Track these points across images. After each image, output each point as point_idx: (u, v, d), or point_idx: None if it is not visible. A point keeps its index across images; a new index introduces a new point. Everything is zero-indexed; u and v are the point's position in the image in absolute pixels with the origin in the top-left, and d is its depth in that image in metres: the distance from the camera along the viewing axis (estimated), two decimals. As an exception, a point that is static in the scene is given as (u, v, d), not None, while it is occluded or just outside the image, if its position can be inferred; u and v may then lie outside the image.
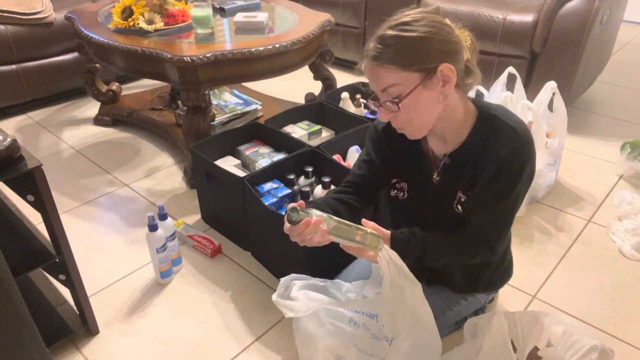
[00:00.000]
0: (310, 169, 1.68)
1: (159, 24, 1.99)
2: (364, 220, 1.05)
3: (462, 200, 1.12)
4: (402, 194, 1.20)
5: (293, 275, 1.22)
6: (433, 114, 1.02)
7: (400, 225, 1.16)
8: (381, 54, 0.96)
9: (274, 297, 1.16)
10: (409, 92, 0.96)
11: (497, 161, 1.03)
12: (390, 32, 0.96)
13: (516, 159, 1.03)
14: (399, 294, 1.04)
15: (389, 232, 1.08)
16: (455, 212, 1.13)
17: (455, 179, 1.11)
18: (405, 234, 1.10)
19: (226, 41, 2.02)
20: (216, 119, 2.24)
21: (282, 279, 1.20)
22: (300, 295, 1.16)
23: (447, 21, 1.01)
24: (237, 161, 1.86)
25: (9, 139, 1.06)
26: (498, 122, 1.05)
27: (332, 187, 1.65)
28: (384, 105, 1.00)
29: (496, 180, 1.05)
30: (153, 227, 1.49)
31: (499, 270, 1.30)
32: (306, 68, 2.21)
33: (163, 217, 1.55)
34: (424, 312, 1.08)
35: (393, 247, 1.05)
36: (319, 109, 2.07)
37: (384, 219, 1.28)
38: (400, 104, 0.98)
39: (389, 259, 1.02)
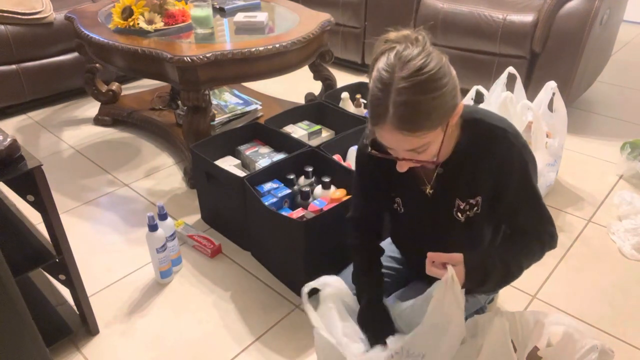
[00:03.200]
0: (310, 169, 1.68)
1: (159, 24, 1.99)
2: (430, 254, 1.01)
3: (462, 207, 1.11)
4: (399, 208, 1.19)
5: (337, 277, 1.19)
6: (436, 147, 0.99)
7: (400, 237, 1.14)
8: (404, 122, 0.88)
9: (305, 300, 1.12)
10: (432, 143, 0.94)
11: (497, 164, 1.03)
12: (409, 97, 0.86)
13: (514, 155, 1.03)
14: (446, 322, 1.02)
15: (460, 254, 1.01)
16: (457, 219, 1.12)
17: (451, 187, 1.11)
18: (478, 253, 1.05)
19: (226, 41, 2.02)
20: (216, 119, 2.24)
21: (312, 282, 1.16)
22: (328, 311, 1.12)
23: (425, 38, 0.93)
24: (237, 161, 1.86)
25: (9, 139, 1.06)
26: (485, 125, 1.05)
27: (332, 187, 1.65)
28: (406, 160, 0.97)
29: (511, 182, 1.05)
30: (153, 227, 1.49)
31: None
32: (306, 68, 2.21)
33: (163, 217, 1.55)
34: (459, 337, 1.07)
35: (469, 267, 1.00)
36: (319, 109, 2.07)
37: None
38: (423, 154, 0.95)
39: (448, 287, 0.98)
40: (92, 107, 2.67)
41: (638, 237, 1.70)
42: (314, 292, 1.17)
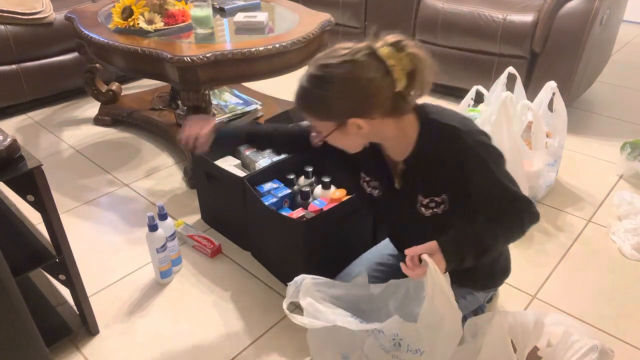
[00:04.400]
0: (310, 169, 1.68)
1: (159, 24, 1.99)
2: (406, 251, 1.04)
3: (425, 203, 1.13)
4: (376, 191, 1.23)
5: (304, 275, 1.22)
6: (359, 144, 1.10)
7: (382, 220, 1.16)
8: (298, 101, 1.05)
9: (285, 306, 1.15)
10: (326, 135, 1.06)
11: (457, 164, 1.06)
12: (305, 83, 1.02)
13: (469, 154, 1.05)
14: (439, 321, 1.03)
15: (433, 241, 1.04)
16: (421, 214, 1.15)
17: (413, 184, 1.15)
18: (451, 235, 1.07)
19: (226, 41, 2.02)
20: (216, 119, 2.24)
21: (293, 280, 1.19)
22: (310, 302, 1.15)
23: (384, 51, 0.99)
24: (237, 161, 1.86)
25: (9, 139, 1.06)
26: (438, 125, 1.07)
27: (332, 187, 1.65)
28: (316, 134, 1.10)
29: (469, 178, 1.06)
30: (153, 227, 1.49)
31: (495, 268, 1.30)
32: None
33: (163, 217, 1.55)
34: (456, 336, 1.07)
35: (445, 251, 1.02)
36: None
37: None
38: (323, 140, 1.08)
39: (435, 282, 0.99)
40: (92, 107, 2.67)
41: (638, 237, 1.70)
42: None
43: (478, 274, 1.28)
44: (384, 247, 1.44)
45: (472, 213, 1.11)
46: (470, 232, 1.06)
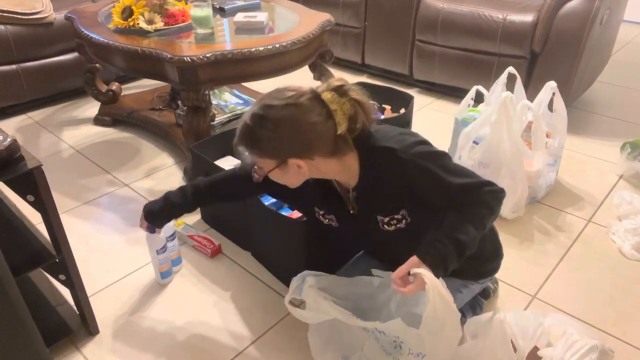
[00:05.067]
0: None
1: (159, 24, 1.99)
2: (392, 275, 1.05)
3: (386, 221, 1.15)
4: (334, 222, 1.27)
5: (307, 272, 1.23)
6: (300, 180, 1.13)
7: (353, 241, 1.18)
8: (240, 137, 1.07)
9: (287, 301, 1.16)
10: (268, 171, 1.09)
11: (404, 181, 1.08)
12: (249, 121, 1.05)
13: (411, 169, 1.07)
14: (440, 326, 1.03)
15: (413, 257, 1.05)
16: (386, 230, 1.17)
17: (369, 207, 1.17)
18: (426, 243, 1.07)
19: (226, 41, 2.02)
20: (216, 119, 2.25)
21: (298, 276, 1.20)
22: (312, 299, 1.16)
23: (327, 96, 1.03)
24: (237, 161, 1.86)
25: (9, 139, 1.06)
26: (375, 150, 1.10)
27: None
28: (257, 172, 1.12)
29: (421, 187, 1.08)
30: (153, 229, 1.48)
31: (483, 252, 1.28)
32: (306, 68, 2.21)
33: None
34: (456, 337, 1.08)
35: (427, 261, 1.03)
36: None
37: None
38: (264, 176, 1.10)
39: (435, 288, 1.00)
40: (92, 107, 2.67)
41: (638, 237, 1.70)
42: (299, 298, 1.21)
43: (467, 262, 1.27)
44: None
45: (437, 214, 1.12)
46: (442, 234, 1.07)
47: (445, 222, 1.09)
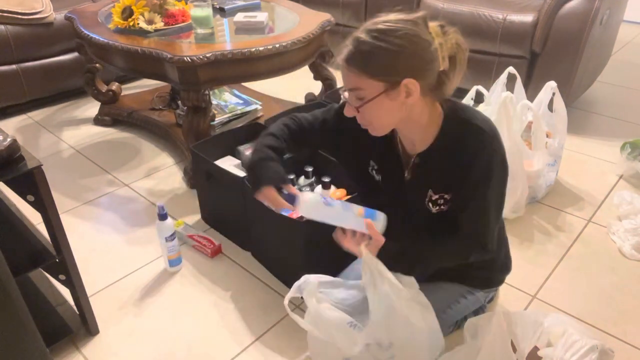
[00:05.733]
0: (310, 169, 1.68)
1: (159, 24, 1.99)
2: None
3: (434, 199, 1.14)
4: (379, 175, 1.24)
5: (309, 275, 1.22)
6: (393, 120, 1.06)
7: (375, 206, 1.19)
8: (351, 57, 1.00)
9: (286, 303, 1.15)
10: (371, 98, 1.00)
11: (466, 161, 1.06)
12: (365, 37, 0.98)
13: (482, 155, 1.05)
14: (386, 301, 1.04)
15: (383, 240, 1.09)
16: (427, 209, 1.15)
17: (426, 178, 1.14)
18: (397, 249, 1.10)
19: (226, 41, 2.02)
20: (216, 119, 2.24)
21: (302, 279, 1.20)
22: (314, 309, 1.15)
23: (433, 28, 1.00)
24: (237, 161, 1.86)
25: (9, 139, 1.06)
26: (464, 123, 1.07)
27: (332, 187, 1.65)
28: (349, 103, 1.05)
29: (468, 180, 1.07)
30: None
31: (495, 265, 1.30)
32: (306, 68, 2.21)
33: (163, 217, 1.55)
34: (418, 316, 1.08)
35: (382, 254, 1.07)
36: (319, 109, 2.07)
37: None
38: (361, 108, 1.02)
39: (370, 267, 1.03)
40: (92, 107, 2.67)
41: (638, 237, 1.70)
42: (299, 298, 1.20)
43: (477, 271, 1.28)
44: None
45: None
46: (415, 251, 1.12)
47: (433, 237, 1.14)
